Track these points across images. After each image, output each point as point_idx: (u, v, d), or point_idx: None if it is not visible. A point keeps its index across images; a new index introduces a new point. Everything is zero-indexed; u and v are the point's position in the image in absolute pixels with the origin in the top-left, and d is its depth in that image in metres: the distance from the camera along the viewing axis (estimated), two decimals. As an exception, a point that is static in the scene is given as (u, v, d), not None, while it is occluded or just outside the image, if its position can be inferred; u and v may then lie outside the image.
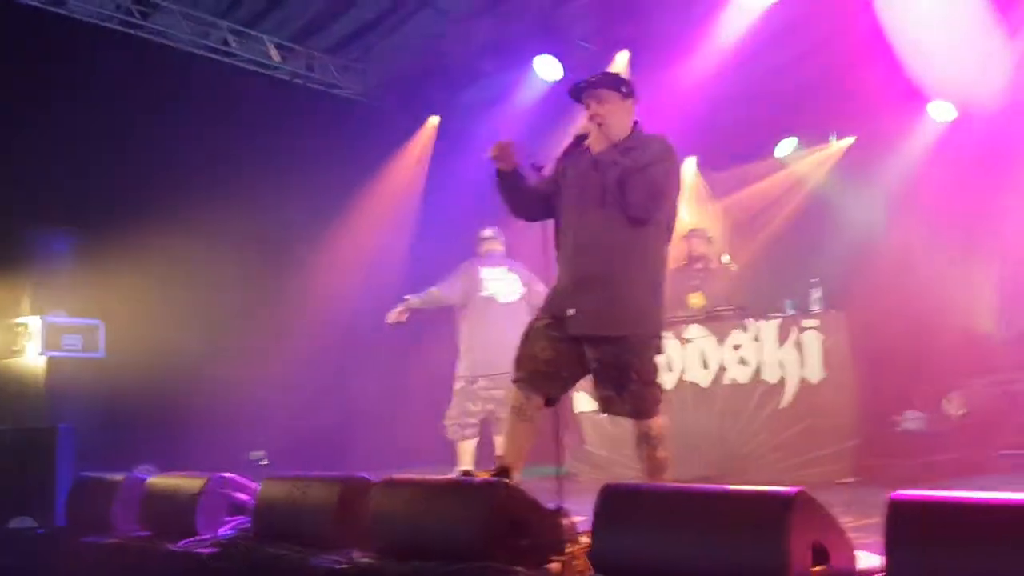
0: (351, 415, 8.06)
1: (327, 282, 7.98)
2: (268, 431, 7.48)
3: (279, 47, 8.29)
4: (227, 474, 3.85)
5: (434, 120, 8.85)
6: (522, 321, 6.14)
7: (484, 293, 6.22)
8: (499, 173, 3.51)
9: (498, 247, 6.38)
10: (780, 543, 2.10)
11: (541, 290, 6.13)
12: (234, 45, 8.03)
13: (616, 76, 3.61)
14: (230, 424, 7.00)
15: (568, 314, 3.35)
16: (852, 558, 2.40)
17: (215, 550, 3.38)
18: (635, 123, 3.51)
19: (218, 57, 8.01)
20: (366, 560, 2.95)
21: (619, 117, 3.44)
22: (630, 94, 3.49)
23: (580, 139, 3.49)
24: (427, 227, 8.54)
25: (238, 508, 3.78)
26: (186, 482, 3.76)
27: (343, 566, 2.92)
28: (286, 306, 7.65)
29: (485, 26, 8.10)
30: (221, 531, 3.59)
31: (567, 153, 3.56)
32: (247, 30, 8.04)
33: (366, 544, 3.04)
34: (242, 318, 7.37)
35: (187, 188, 6.88)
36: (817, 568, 2.23)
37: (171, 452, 5.78)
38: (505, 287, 6.24)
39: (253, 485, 3.81)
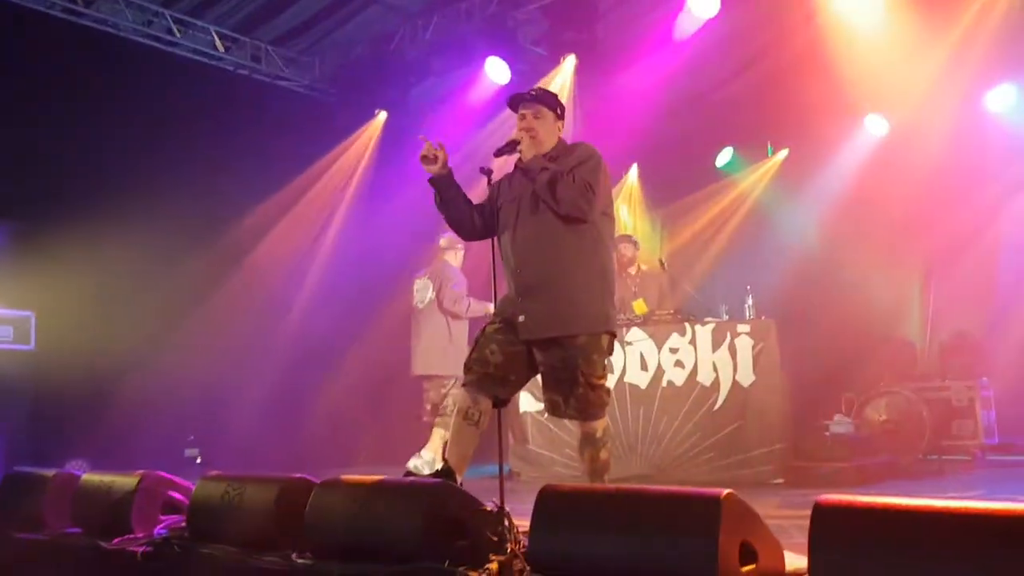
0: (292, 413, 7.97)
1: (268, 277, 7.90)
2: (204, 429, 7.37)
3: (224, 37, 8.16)
4: (162, 472, 3.80)
5: (382, 116, 8.81)
6: (434, 323, 6.38)
7: (413, 302, 6.59)
8: (431, 181, 3.58)
9: (445, 255, 6.47)
10: (710, 543, 2.18)
11: (454, 293, 6.25)
12: (178, 35, 7.89)
13: (555, 96, 3.71)
14: (165, 420, 6.87)
15: (518, 321, 3.41)
16: (780, 558, 2.49)
17: (149, 549, 3.33)
18: (561, 139, 3.64)
19: (161, 46, 7.87)
20: (304, 561, 2.94)
21: (549, 133, 3.56)
22: (562, 116, 3.65)
23: (514, 143, 3.53)
24: (372, 223, 8.50)
25: (173, 507, 3.73)
26: (120, 479, 3.69)
27: (280, 567, 2.91)
28: (225, 301, 7.54)
29: (435, 25, 8.11)
30: (156, 530, 3.54)
31: (501, 176, 3.64)
32: (191, 19, 7.91)
33: (305, 545, 3.03)
34: (179, 312, 7.24)
35: (126, 179, 6.73)
36: (746, 568, 2.31)
37: (104, 448, 5.67)
38: (421, 295, 6.53)
39: (188, 484, 3.76)
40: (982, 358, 7.39)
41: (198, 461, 7.33)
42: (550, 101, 3.60)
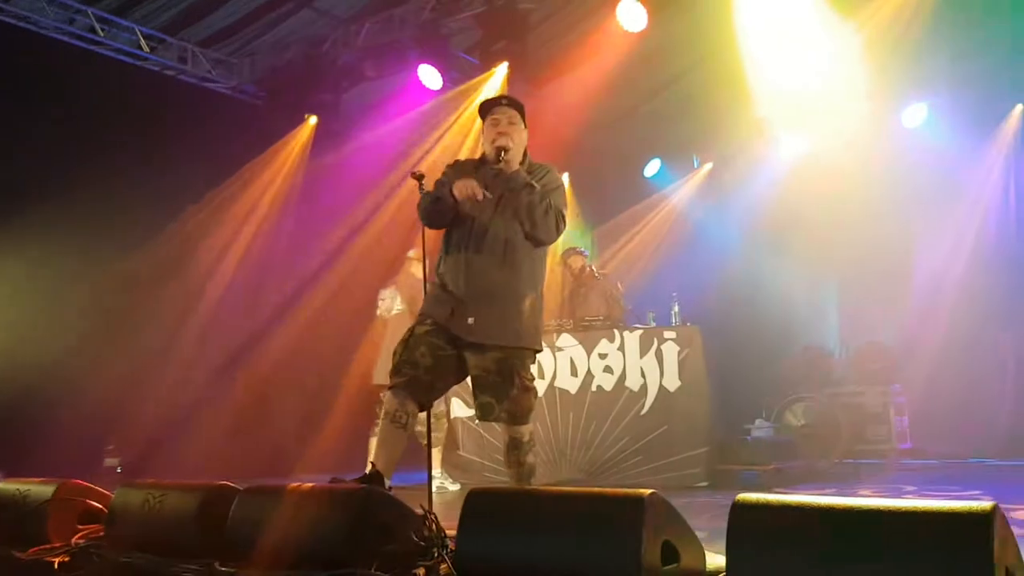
0: (224, 421, 7.76)
1: (196, 281, 7.74)
2: (126, 437, 7.15)
3: (149, 37, 7.98)
4: (79, 480, 3.69)
5: (312, 121, 8.72)
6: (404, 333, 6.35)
7: (378, 311, 6.65)
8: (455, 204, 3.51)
9: (413, 267, 6.51)
10: (633, 543, 2.23)
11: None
12: (101, 33, 7.68)
13: (522, 106, 3.73)
14: (83, 429, 6.65)
15: (468, 322, 3.41)
16: (701, 557, 2.56)
17: (66, 558, 3.24)
18: (526, 154, 3.68)
19: (84, 45, 7.64)
20: (227, 570, 2.90)
21: (521, 143, 3.61)
22: (526, 126, 3.67)
23: (503, 150, 3.52)
24: (301, 229, 8.40)
25: (92, 516, 3.62)
26: (36, 488, 3.57)
27: None
28: (149, 305, 7.36)
29: (367, 30, 8.08)
30: (73, 539, 3.44)
31: (466, 167, 3.63)
32: (115, 18, 7.71)
33: (228, 554, 2.98)
34: (100, 318, 7.03)
35: (47, 179, 6.53)
36: (667, 567, 2.37)
37: (19, 456, 5.46)
38: (388, 304, 6.56)
39: (107, 493, 3.66)
40: (895, 365, 7.70)
41: (119, 470, 7.10)
42: (522, 111, 3.64)
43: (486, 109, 3.64)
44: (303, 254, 8.13)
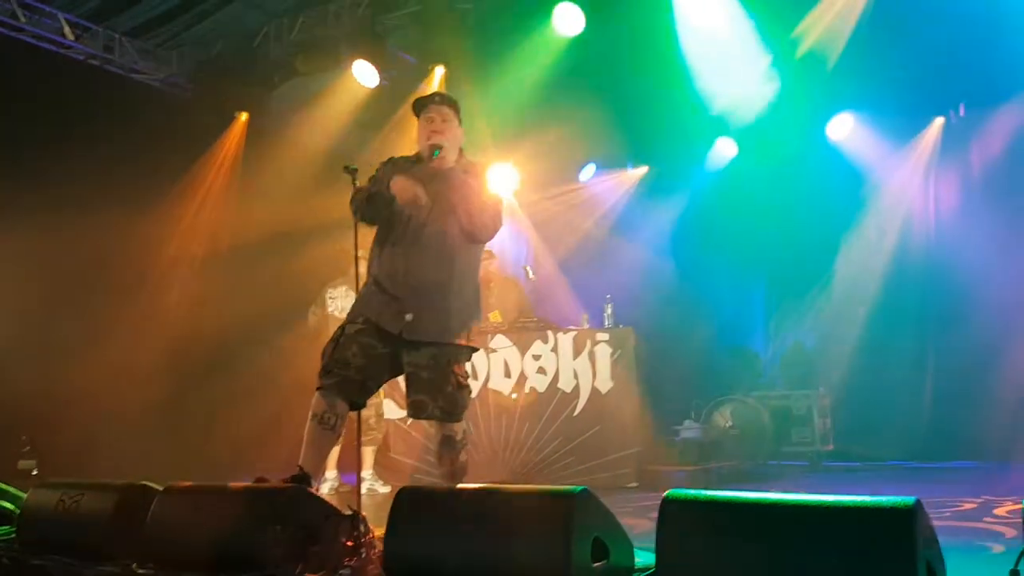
0: (153, 423, 7.50)
1: (121, 276, 7.48)
2: (42, 440, 6.84)
3: (74, 25, 7.70)
4: (-11, 481, 3.54)
5: (243, 116, 8.52)
6: None
7: (326, 310, 6.58)
8: (394, 200, 3.44)
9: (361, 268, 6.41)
10: (563, 539, 2.22)
11: None
12: (23, 19, 7.37)
13: (457, 103, 3.71)
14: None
15: (406, 319, 3.36)
16: (630, 555, 2.58)
17: (-28, 563, 3.09)
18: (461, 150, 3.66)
19: (4, 31, 7.32)
20: (145, 572, 2.80)
21: (456, 141, 3.59)
22: (461, 123, 3.66)
23: (437, 148, 3.49)
24: (232, 226, 8.19)
25: (3, 517, 3.48)
26: (-60, 489, 3.42)
27: (118, 577, 2.76)
28: (72, 303, 7.09)
29: (301, 25, 7.94)
30: (-20, 543, 3.29)
31: (401, 164, 3.59)
32: (38, 4, 7.41)
33: (147, 555, 2.88)
34: (18, 315, 6.75)
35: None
36: (598, 563, 2.37)
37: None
38: (340, 303, 6.47)
39: (20, 494, 3.51)
40: (819, 368, 7.90)
41: (34, 474, 6.80)
42: (456, 107, 3.63)
43: (420, 106, 3.61)
44: (237, 251, 7.94)
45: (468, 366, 3.53)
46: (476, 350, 3.57)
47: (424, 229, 3.45)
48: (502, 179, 9.02)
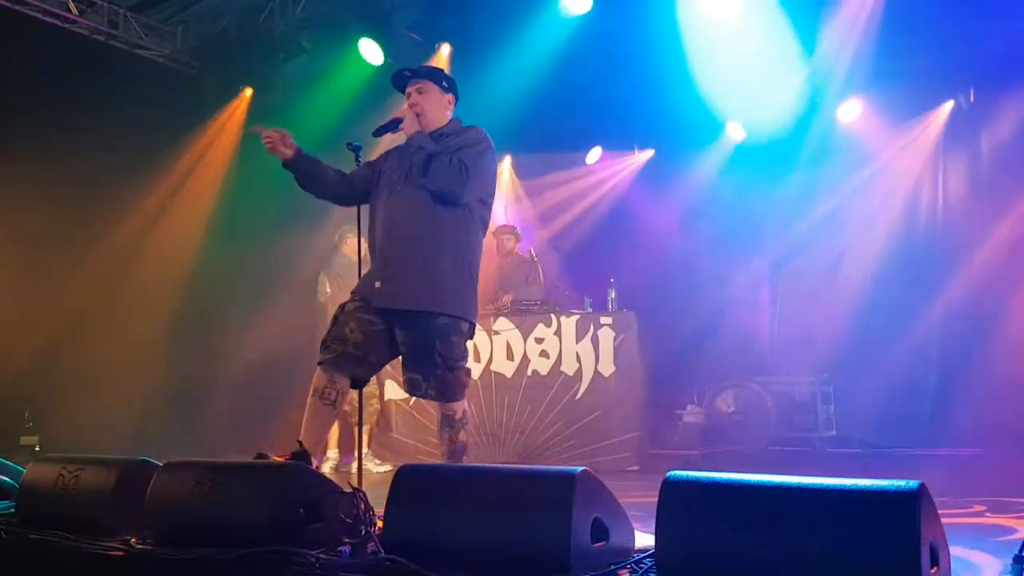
0: (140, 403, 7.51)
1: (124, 253, 7.47)
2: (46, 416, 6.85)
3: (79, 0, 7.65)
4: (-11, 455, 3.54)
5: (248, 92, 8.48)
6: None
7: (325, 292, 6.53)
8: (284, 166, 3.50)
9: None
10: (563, 519, 2.21)
11: None
12: (25, -7, 7.32)
13: (439, 70, 3.69)
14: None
15: (374, 287, 3.36)
16: (631, 536, 2.56)
17: (-29, 536, 3.08)
18: (456, 119, 3.60)
19: (8, 4, 7.27)
20: (144, 547, 2.80)
21: (437, 108, 3.53)
22: (450, 90, 3.60)
23: (396, 121, 3.51)
24: (234, 203, 8.16)
25: (2, 492, 3.48)
26: (-60, 462, 3.42)
27: (117, 553, 2.75)
28: (78, 278, 7.09)
29: (306, 2, 7.88)
30: (-20, 516, 3.28)
31: (393, 152, 3.59)
32: (42, -22, 7.36)
33: (146, 531, 2.88)
34: (20, 296, 6.74)
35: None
36: (598, 544, 2.36)
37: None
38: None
39: (20, 468, 3.51)
40: (824, 355, 7.87)
41: (36, 449, 6.81)
42: (433, 75, 3.59)
43: (399, 86, 3.59)
44: (239, 228, 7.93)
45: (470, 345, 3.49)
46: (464, 325, 3.40)
47: (390, 200, 3.43)
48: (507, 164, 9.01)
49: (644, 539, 2.56)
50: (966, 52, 7.14)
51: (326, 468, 6.26)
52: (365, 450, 6.16)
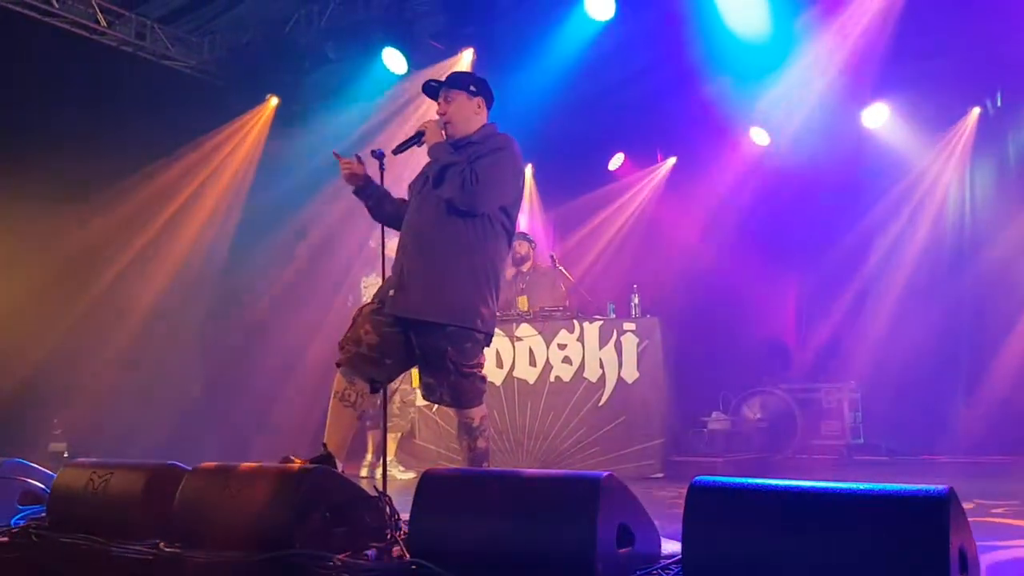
0: (167, 408, 7.58)
1: (148, 263, 7.56)
2: (73, 422, 6.94)
3: (106, 12, 7.77)
4: (21, 460, 3.58)
5: (273, 101, 8.56)
6: None
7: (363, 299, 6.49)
8: (356, 194, 3.60)
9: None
10: (588, 524, 2.20)
11: None
12: (56, 5, 7.45)
13: (465, 74, 3.70)
14: (28, 412, 6.46)
15: (389, 294, 3.39)
16: (656, 542, 2.55)
17: (5, 539, 3.13)
18: (490, 124, 3.56)
19: (39, 16, 7.40)
20: (172, 551, 2.82)
21: (464, 115, 3.50)
22: (478, 92, 3.55)
23: (419, 134, 3.51)
24: (257, 209, 8.24)
25: (34, 497, 3.53)
26: (-27, 467, 3.47)
27: (146, 556, 2.78)
28: (98, 288, 7.17)
29: (331, 12, 7.95)
30: (12, 519, 3.33)
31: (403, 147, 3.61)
32: (71, -10, 7.49)
33: (174, 534, 2.90)
34: (49, 300, 6.83)
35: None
36: (623, 549, 2.35)
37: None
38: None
39: (50, 473, 3.56)
40: (851, 362, 7.79)
41: (65, 455, 6.89)
42: (460, 81, 3.57)
43: (431, 94, 3.60)
44: (264, 233, 8.00)
45: (490, 352, 3.50)
46: (479, 335, 3.36)
47: (413, 213, 3.48)
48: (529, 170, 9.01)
49: (669, 546, 2.55)
50: (993, 56, 7.06)
51: (363, 472, 6.31)
52: (390, 458, 6.20)
